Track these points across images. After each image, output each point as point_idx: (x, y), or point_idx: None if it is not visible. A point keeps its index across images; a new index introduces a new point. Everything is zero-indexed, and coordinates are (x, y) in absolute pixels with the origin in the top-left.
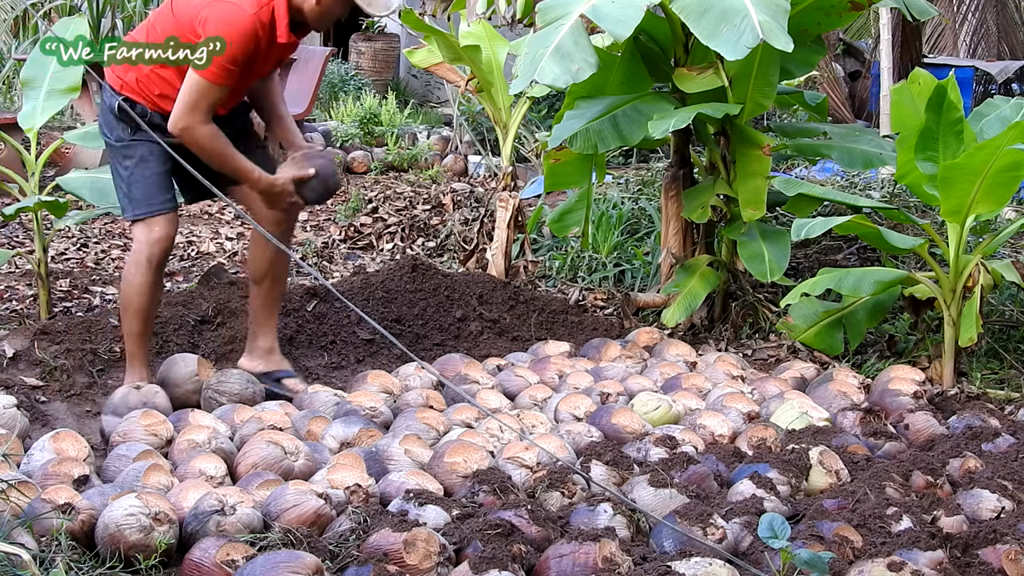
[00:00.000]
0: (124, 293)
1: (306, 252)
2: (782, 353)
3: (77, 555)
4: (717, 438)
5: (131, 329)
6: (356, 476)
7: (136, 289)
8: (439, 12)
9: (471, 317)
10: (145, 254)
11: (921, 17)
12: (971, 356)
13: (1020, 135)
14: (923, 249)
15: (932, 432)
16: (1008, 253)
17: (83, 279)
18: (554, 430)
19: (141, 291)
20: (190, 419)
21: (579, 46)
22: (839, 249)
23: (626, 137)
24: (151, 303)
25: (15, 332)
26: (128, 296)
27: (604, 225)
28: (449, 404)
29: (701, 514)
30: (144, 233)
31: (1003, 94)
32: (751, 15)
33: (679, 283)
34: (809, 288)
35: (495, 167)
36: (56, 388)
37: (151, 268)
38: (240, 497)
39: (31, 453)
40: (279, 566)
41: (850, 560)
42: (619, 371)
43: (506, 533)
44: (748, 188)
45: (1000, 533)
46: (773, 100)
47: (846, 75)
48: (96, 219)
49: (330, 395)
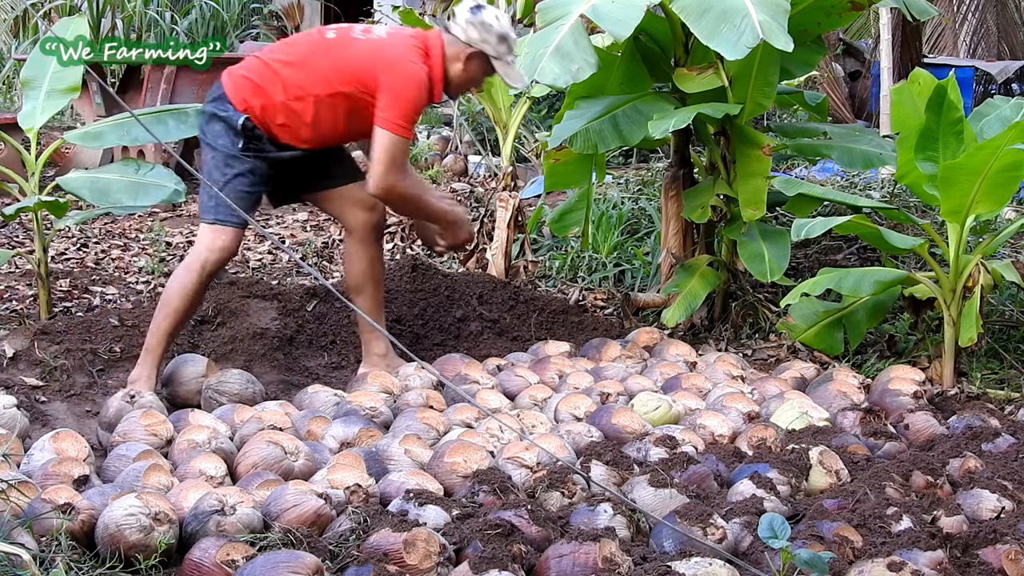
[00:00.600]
0: (168, 289)
1: (306, 252)
2: (782, 353)
3: (77, 555)
4: (717, 438)
5: (159, 326)
6: (356, 476)
7: (179, 289)
8: (439, 12)
9: (471, 317)
10: (202, 258)
11: (921, 17)
12: (971, 356)
13: (1020, 135)
14: (923, 249)
15: (932, 432)
16: (1008, 253)
17: (83, 279)
18: (554, 430)
19: (184, 293)
20: (190, 419)
21: (579, 46)
22: (839, 249)
23: (626, 137)
24: (188, 308)
25: (15, 332)
26: (170, 294)
27: (604, 225)
28: (449, 404)
29: (701, 514)
30: (210, 238)
31: (1003, 94)
32: (751, 15)
33: (679, 283)
34: (809, 288)
35: (495, 167)
36: (56, 388)
37: (202, 274)
38: (240, 497)
39: (31, 453)
40: (279, 566)
41: (850, 560)
42: (619, 371)
43: (506, 533)
44: (748, 188)
45: (1000, 533)
46: (773, 100)
47: (846, 75)
48: (96, 219)
49: (330, 395)
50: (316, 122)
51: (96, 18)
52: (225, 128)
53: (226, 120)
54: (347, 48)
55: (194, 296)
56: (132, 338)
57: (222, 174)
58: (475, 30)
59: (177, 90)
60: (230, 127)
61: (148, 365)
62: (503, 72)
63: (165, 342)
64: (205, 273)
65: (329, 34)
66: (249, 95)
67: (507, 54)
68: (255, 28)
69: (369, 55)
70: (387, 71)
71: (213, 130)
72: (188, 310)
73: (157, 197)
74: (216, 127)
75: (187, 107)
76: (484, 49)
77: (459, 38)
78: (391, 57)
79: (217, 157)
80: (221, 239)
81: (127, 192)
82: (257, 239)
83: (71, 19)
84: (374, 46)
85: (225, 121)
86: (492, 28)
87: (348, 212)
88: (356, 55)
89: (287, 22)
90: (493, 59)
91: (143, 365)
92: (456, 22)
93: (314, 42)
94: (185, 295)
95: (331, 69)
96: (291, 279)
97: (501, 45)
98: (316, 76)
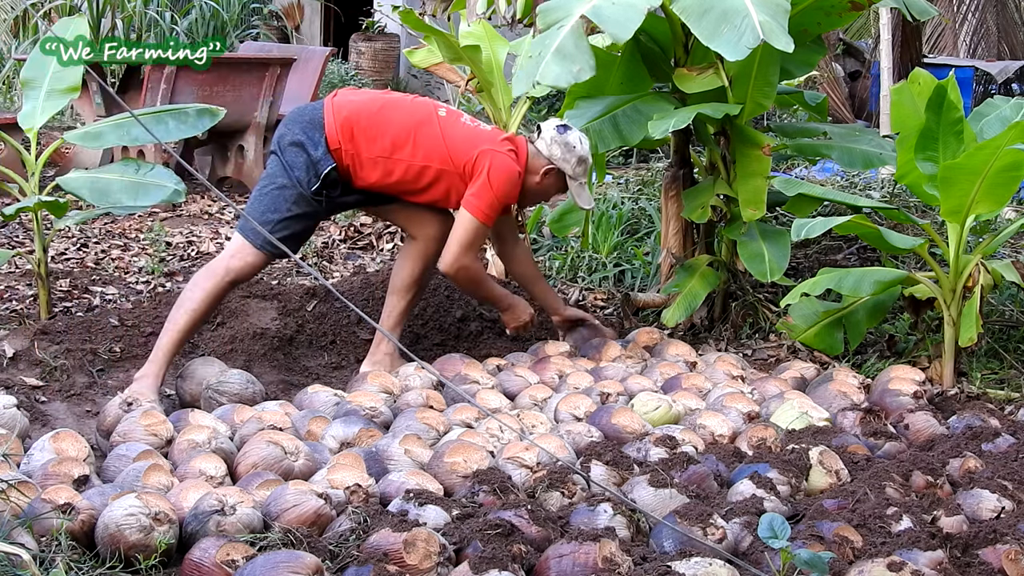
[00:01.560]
0: (187, 290)
1: (306, 252)
2: (782, 353)
3: (77, 555)
4: (717, 438)
5: (175, 323)
6: (356, 476)
7: (202, 291)
8: (439, 12)
9: (471, 317)
10: (229, 268)
11: (921, 17)
12: (971, 356)
13: (1020, 135)
14: (923, 249)
15: (932, 432)
16: (1008, 253)
17: (83, 279)
18: (554, 430)
19: (206, 295)
20: (190, 419)
21: (580, 48)
22: (839, 249)
23: (626, 137)
24: (207, 311)
25: (15, 332)
26: (191, 295)
27: (604, 225)
28: (449, 404)
29: (701, 514)
30: (242, 253)
31: (1003, 94)
32: (751, 15)
33: (679, 283)
34: (809, 288)
35: None
36: (56, 388)
37: (225, 280)
38: (240, 497)
39: (31, 453)
40: (279, 566)
41: (850, 560)
42: (619, 371)
43: (506, 533)
44: (748, 188)
45: (1000, 533)
46: (773, 100)
47: (846, 75)
48: (96, 219)
49: (330, 395)
50: (399, 182)
51: (96, 18)
52: (307, 164)
53: (313, 161)
54: (453, 127)
55: (213, 300)
56: (132, 338)
57: (287, 207)
58: (558, 148)
59: (177, 90)
60: (312, 167)
61: (158, 363)
62: (576, 193)
63: (179, 342)
64: (227, 281)
65: (440, 112)
66: (347, 141)
67: (583, 176)
68: (255, 28)
69: (472, 142)
70: (490, 163)
71: (294, 158)
72: (205, 312)
73: (157, 197)
74: (299, 158)
75: (187, 107)
76: (563, 168)
77: (541, 152)
78: (493, 147)
79: (287, 193)
80: (251, 259)
81: (127, 192)
82: None
83: (71, 19)
84: (477, 133)
85: (310, 159)
86: (575, 150)
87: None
88: (463, 140)
89: (287, 22)
90: (569, 178)
91: (153, 363)
92: (542, 137)
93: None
94: (205, 297)
95: (439, 151)
96: (291, 279)
97: (579, 167)
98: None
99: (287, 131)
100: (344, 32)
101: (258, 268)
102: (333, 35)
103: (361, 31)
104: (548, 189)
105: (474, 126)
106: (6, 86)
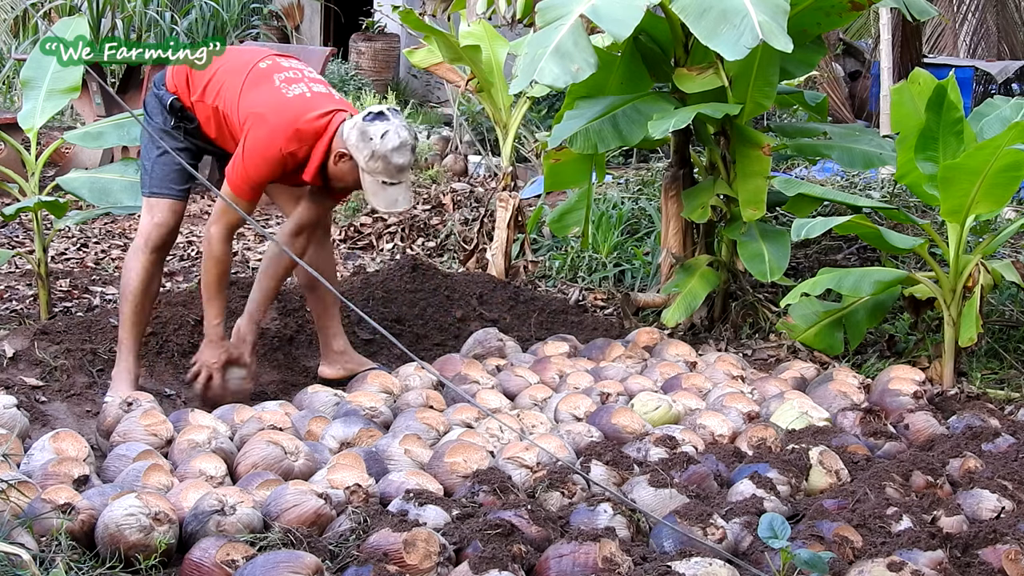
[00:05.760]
0: (122, 277)
1: None
2: (782, 353)
3: (77, 555)
4: (717, 438)
5: (122, 313)
6: (356, 476)
7: (130, 271)
8: (439, 12)
9: (471, 317)
10: (144, 236)
11: (921, 17)
12: (971, 356)
13: (1020, 135)
14: (923, 249)
15: (932, 432)
16: (1008, 253)
17: (83, 279)
18: (554, 430)
19: (135, 274)
20: (190, 419)
21: (579, 46)
22: (839, 249)
23: (626, 137)
24: (144, 288)
25: (15, 332)
26: (124, 279)
27: (604, 225)
28: (449, 404)
29: (701, 514)
30: (147, 215)
31: (1003, 94)
32: (751, 15)
33: (679, 283)
34: (809, 288)
35: (495, 167)
36: (56, 388)
37: (147, 250)
38: (240, 497)
39: (31, 453)
40: (279, 566)
41: (850, 560)
42: (619, 371)
43: (506, 533)
44: (748, 188)
45: (1000, 533)
46: (773, 100)
47: (846, 75)
48: (96, 219)
49: (330, 395)
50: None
51: (96, 18)
52: (158, 106)
53: (161, 99)
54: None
55: (146, 276)
56: None
57: (156, 148)
58: (355, 134)
59: None
60: (161, 104)
61: (124, 360)
62: (370, 190)
63: (134, 331)
64: (149, 249)
65: (263, 63)
66: (182, 86)
67: (380, 174)
68: (255, 28)
69: (254, 106)
70: (250, 125)
71: (153, 107)
72: (145, 291)
73: None
74: (156, 104)
75: None
76: (356, 157)
77: (341, 133)
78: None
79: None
80: (157, 215)
81: (127, 192)
82: (257, 239)
83: (71, 19)
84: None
85: (160, 99)
86: (371, 143)
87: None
88: (248, 102)
89: (287, 22)
90: (362, 170)
91: (120, 361)
92: (353, 117)
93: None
94: (137, 275)
95: (234, 106)
96: (291, 279)
97: (375, 162)
98: (221, 96)
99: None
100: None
101: (170, 221)
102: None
103: (361, 31)
104: (344, 176)
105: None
106: (6, 86)
